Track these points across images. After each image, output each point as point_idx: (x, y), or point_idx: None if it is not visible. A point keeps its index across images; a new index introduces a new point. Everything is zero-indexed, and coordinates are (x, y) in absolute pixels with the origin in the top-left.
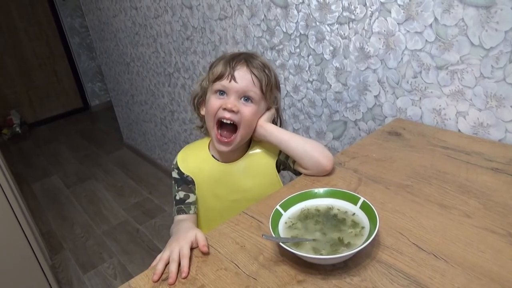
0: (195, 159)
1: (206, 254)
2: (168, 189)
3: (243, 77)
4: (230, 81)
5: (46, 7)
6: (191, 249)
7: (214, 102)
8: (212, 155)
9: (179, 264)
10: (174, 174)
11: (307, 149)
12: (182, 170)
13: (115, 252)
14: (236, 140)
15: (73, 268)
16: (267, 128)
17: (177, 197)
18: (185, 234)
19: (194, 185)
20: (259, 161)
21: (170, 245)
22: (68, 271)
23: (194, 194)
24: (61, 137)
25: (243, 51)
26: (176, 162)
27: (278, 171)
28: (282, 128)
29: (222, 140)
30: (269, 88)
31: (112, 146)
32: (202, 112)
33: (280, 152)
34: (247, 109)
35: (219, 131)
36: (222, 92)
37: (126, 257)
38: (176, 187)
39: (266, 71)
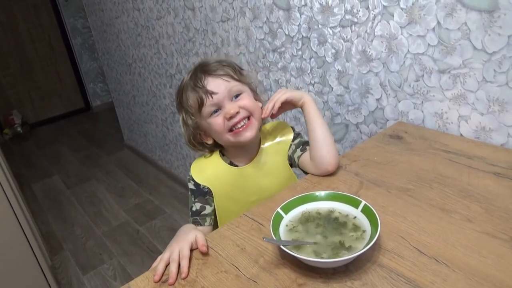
0: (209, 167)
1: (205, 254)
2: (168, 190)
3: (217, 86)
4: (211, 97)
5: (49, 8)
6: (191, 250)
7: (216, 121)
8: (225, 162)
9: (179, 265)
10: (190, 186)
11: (325, 140)
12: (197, 181)
13: (115, 253)
14: (253, 123)
15: (73, 269)
16: (311, 105)
17: (193, 208)
18: (185, 236)
19: (211, 196)
20: (272, 158)
21: (170, 246)
22: (68, 272)
23: (211, 205)
24: (62, 137)
25: (193, 68)
26: (191, 174)
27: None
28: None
29: (242, 129)
30: (238, 73)
31: (113, 147)
32: (209, 141)
33: (290, 147)
34: (243, 101)
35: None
36: (215, 110)
37: (126, 259)
38: (193, 198)
39: (224, 63)
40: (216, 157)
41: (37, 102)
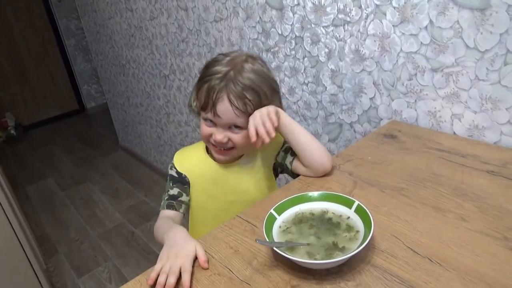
0: (191, 158)
1: (206, 269)
2: (163, 191)
3: (225, 112)
4: (214, 116)
5: (42, 9)
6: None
7: (205, 129)
8: (209, 156)
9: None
10: (172, 172)
11: (313, 145)
12: (178, 170)
13: (110, 255)
14: (233, 153)
15: (68, 272)
16: (285, 119)
17: (170, 192)
18: (185, 249)
19: (189, 187)
20: (256, 163)
21: (169, 257)
22: (63, 275)
23: (187, 195)
24: (57, 139)
25: (231, 57)
26: (173, 162)
27: (275, 175)
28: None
29: (220, 152)
30: (259, 107)
31: (107, 148)
32: None
33: (278, 154)
34: (237, 136)
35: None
36: (210, 120)
37: (121, 261)
38: (171, 184)
39: (248, 95)
40: (201, 150)
41: (31, 104)
